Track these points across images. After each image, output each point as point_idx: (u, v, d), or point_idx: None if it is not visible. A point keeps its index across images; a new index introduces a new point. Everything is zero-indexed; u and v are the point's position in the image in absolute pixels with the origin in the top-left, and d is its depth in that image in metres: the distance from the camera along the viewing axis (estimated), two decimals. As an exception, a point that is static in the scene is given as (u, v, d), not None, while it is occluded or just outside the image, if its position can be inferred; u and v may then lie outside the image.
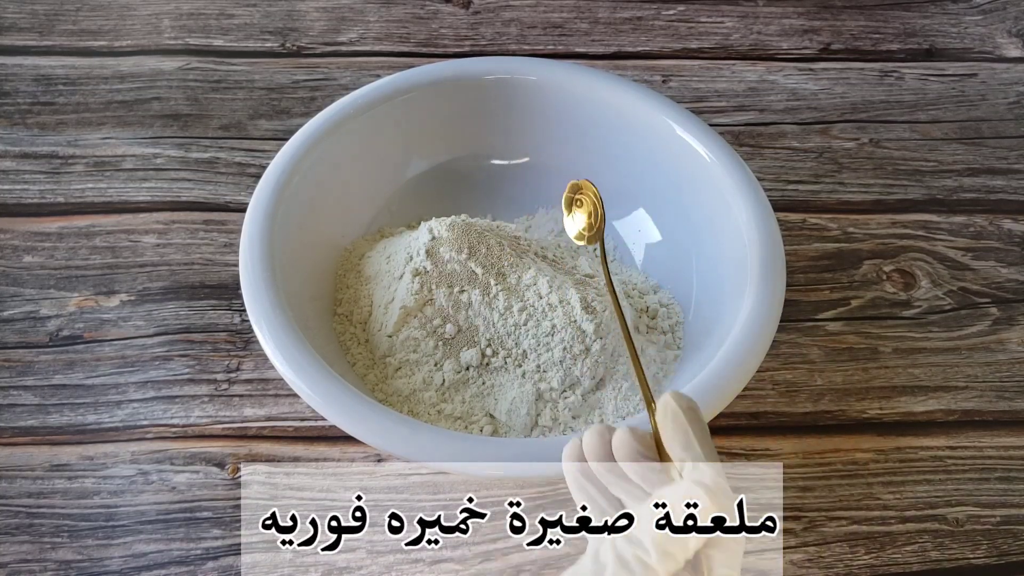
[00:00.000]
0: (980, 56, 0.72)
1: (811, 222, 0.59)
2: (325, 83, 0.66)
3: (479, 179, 0.56)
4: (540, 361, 0.46)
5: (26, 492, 0.45)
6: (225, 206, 0.58)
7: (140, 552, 0.43)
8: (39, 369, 0.50)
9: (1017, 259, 0.58)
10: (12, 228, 0.56)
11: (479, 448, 0.38)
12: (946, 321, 0.54)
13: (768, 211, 0.47)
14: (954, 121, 0.66)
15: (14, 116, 0.63)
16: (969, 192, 0.62)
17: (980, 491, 0.47)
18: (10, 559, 0.43)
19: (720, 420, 0.48)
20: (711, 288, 0.48)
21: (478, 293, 0.46)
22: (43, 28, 0.70)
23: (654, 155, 0.52)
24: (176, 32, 0.70)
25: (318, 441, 0.47)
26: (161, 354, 0.50)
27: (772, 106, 0.67)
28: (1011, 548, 0.45)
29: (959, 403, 0.50)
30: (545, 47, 0.71)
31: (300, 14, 0.72)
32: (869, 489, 0.47)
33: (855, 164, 0.63)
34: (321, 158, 0.49)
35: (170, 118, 0.63)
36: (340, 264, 0.51)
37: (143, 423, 0.47)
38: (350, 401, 0.39)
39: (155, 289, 0.53)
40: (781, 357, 0.52)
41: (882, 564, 0.44)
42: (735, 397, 0.40)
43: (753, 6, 0.75)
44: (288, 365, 0.40)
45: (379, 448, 0.38)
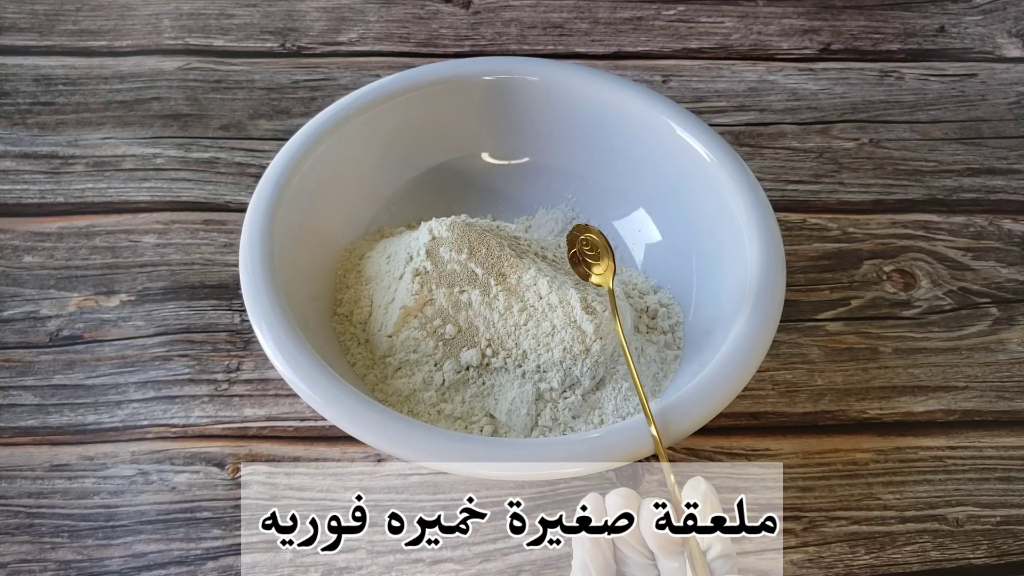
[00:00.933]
0: (980, 56, 0.72)
1: (811, 222, 0.59)
2: (325, 83, 0.66)
3: (479, 179, 0.56)
4: (540, 361, 0.46)
5: (26, 492, 0.45)
6: (225, 206, 0.58)
7: (140, 552, 0.43)
8: (39, 369, 0.50)
9: (1017, 259, 0.58)
10: (12, 228, 0.56)
11: (479, 448, 0.38)
12: (946, 321, 0.54)
13: (768, 211, 0.47)
14: (954, 121, 0.66)
15: (14, 116, 0.63)
16: (969, 192, 0.62)
17: (980, 491, 0.47)
18: (10, 559, 0.43)
19: (720, 420, 0.48)
20: (711, 288, 0.48)
21: (478, 293, 0.46)
22: (43, 28, 0.70)
23: (654, 155, 0.52)
24: (176, 32, 0.70)
25: (318, 441, 0.47)
26: (161, 354, 0.50)
27: (772, 106, 0.67)
28: (1011, 548, 0.45)
29: (959, 403, 0.50)
30: (545, 47, 0.71)
31: (300, 14, 0.72)
32: (869, 489, 0.47)
33: (855, 164, 0.63)
34: (321, 158, 0.49)
35: (170, 118, 0.63)
36: (340, 264, 0.51)
37: (143, 423, 0.47)
38: (350, 401, 0.39)
39: (155, 289, 0.53)
40: (781, 357, 0.52)
41: (882, 564, 0.44)
42: (735, 397, 0.40)
43: (753, 6, 0.75)
44: (288, 365, 0.40)
45: (379, 448, 0.38)
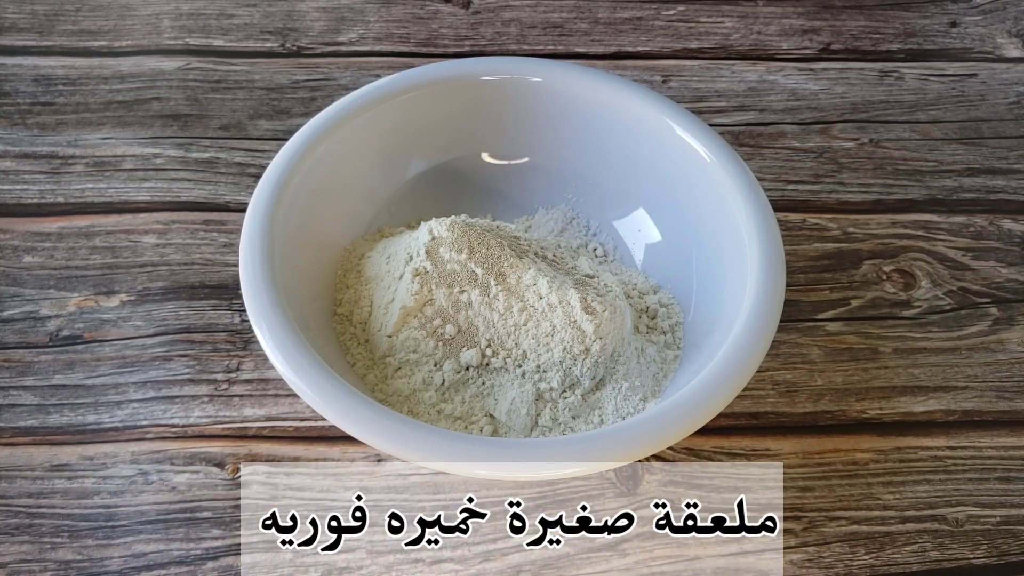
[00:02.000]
0: (980, 56, 0.72)
1: (811, 222, 0.59)
2: (325, 83, 0.66)
3: (479, 179, 0.56)
4: (540, 361, 0.46)
5: (26, 492, 0.45)
6: (225, 206, 0.58)
7: (140, 552, 0.43)
8: (39, 369, 0.50)
9: (1017, 259, 0.58)
10: (12, 228, 0.56)
11: (479, 448, 0.38)
12: (946, 321, 0.54)
13: (768, 211, 0.47)
14: (954, 121, 0.66)
15: (14, 116, 0.63)
16: (969, 192, 0.62)
17: (980, 491, 0.47)
18: (10, 559, 0.43)
19: (720, 420, 0.48)
20: (711, 288, 0.48)
21: (478, 293, 0.46)
22: (43, 28, 0.70)
23: (654, 155, 0.52)
24: (176, 32, 0.70)
25: (318, 441, 0.47)
26: (161, 354, 0.50)
27: (772, 106, 0.67)
28: (1011, 548, 0.45)
29: (959, 403, 0.50)
30: (545, 47, 0.71)
31: (300, 14, 0.72)
32: (869, 489, 0.47)
33: (855, 164, 0.63)
34: (321, 158, 0.49)
35: (170, 118, 0.63)
36: (340, 264, 0.51)
37: (143, 423, 0.47)
38: (350, 401, 0.39)
39: (155, 289, 0.53)
40: (781, 357, 0.52)
41: (882, 564, 0.44)
42: (735, 397, 0.40)
43: (753, 6, 0.75)
44: (288, 365, 0.40)
45: (379, 448, 0.38)
